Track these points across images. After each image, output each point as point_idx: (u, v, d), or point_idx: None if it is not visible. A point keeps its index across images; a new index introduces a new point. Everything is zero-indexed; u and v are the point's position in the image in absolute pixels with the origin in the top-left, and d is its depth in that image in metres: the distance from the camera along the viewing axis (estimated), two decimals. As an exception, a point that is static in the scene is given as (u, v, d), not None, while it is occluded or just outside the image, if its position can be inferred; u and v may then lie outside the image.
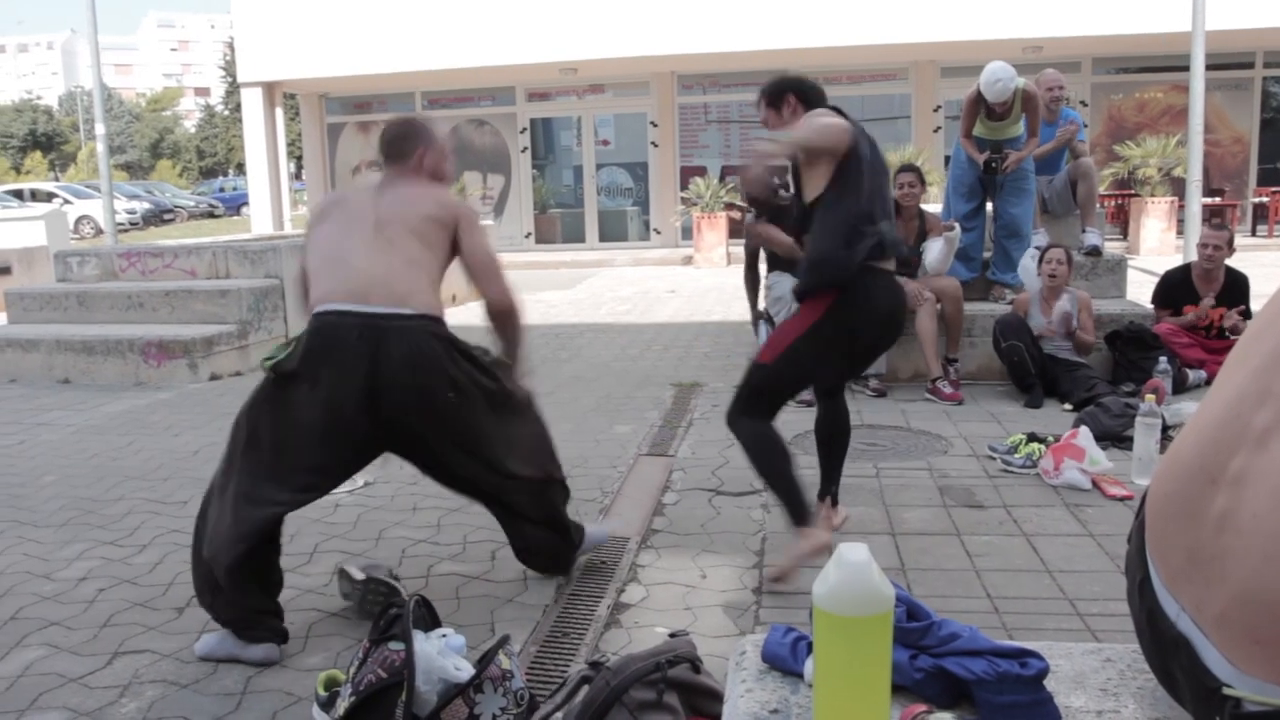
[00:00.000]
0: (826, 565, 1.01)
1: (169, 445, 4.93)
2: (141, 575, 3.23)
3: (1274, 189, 15.56)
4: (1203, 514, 1.04)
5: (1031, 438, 4.21)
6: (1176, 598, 1.08)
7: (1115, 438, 4.42)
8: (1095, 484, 3.84)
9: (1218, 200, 14.51)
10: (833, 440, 3.49)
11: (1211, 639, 1.03)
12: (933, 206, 6.44)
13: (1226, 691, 1.00)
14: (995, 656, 1.18)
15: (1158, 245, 13.39)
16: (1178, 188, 13.84)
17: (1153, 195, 13.81)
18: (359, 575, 2.84)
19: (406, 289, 2.65)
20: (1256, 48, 15.58)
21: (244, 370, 6.86)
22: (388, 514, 3.79)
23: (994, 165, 5.94)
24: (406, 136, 2.95)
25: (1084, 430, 3.98)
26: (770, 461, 3.09)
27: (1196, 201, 10.52)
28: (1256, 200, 15.65)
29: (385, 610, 2.01)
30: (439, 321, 2.73)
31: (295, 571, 3.22)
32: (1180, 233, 13.02)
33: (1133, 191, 14.01)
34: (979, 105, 6.02)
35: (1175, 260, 11.37)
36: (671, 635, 1.85)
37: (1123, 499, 3.72)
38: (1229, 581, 1.00)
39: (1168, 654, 1.10)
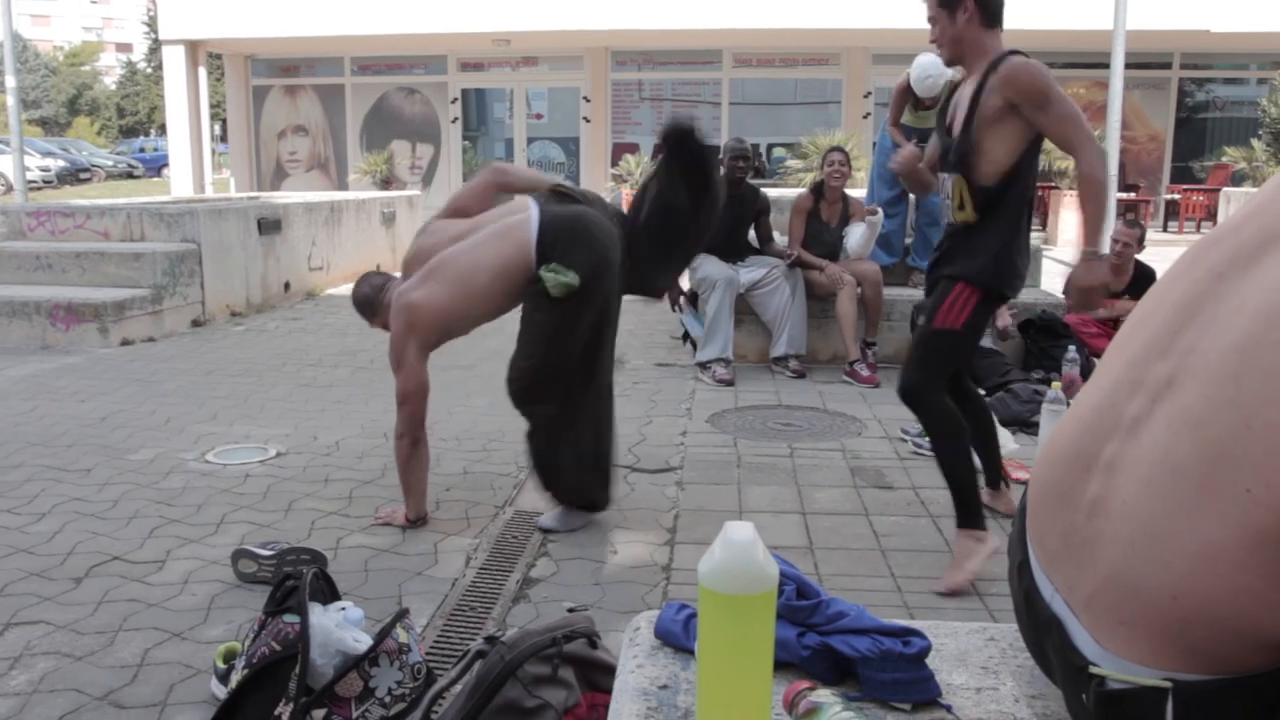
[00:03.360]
0: (713, 544, 1.03)
1: (75, 411, 4.79)
2: (39, 544, 3.14)
3: (1186, 187, 16.06)
4: (1077, 499, 1.08)
5: (942, 422, 4.30)
6: (1051, 579, 1.11)
7: (1023, 423, 4.54)
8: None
9: (1132, 195, 14.92)
10: (985, 425, 3.37)
11: (1081, 620, 1.06)
12: (857, 191, 6.52)
13: (1093, 670, 1.04)
14: (880, 635, 1.21)
15: (1074, 236, 13.70)
16: (1096, 182, 14.19)
17: (1070, 189, 14.14)
18: (266, 552, 2.79)
19: None
20: (1174, 48, 16.03)
21: (157, 335, 6.68)
22: (299, 485, 3.74)
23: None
24: None
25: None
26: (959, 448, 2.99)
27: (1112, 196, 10.79)
28: (1169, 197, 16.13)
29: (282, 582, 1.98)
30: None
31: (200, 543, 3.16)
32: (1097, 226, 13.37)
33: (1051, 184, 14.34)
34: (907, 95, 6.09)
35: (1090, 252, 11.69)
36: (570, 610, 1.85)
37: (1023, 482, 3.82)
38: (1099, 564, 1.04)
39: (1042, 634, 1.14)
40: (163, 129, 26.53)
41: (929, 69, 5.91)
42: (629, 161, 14.86)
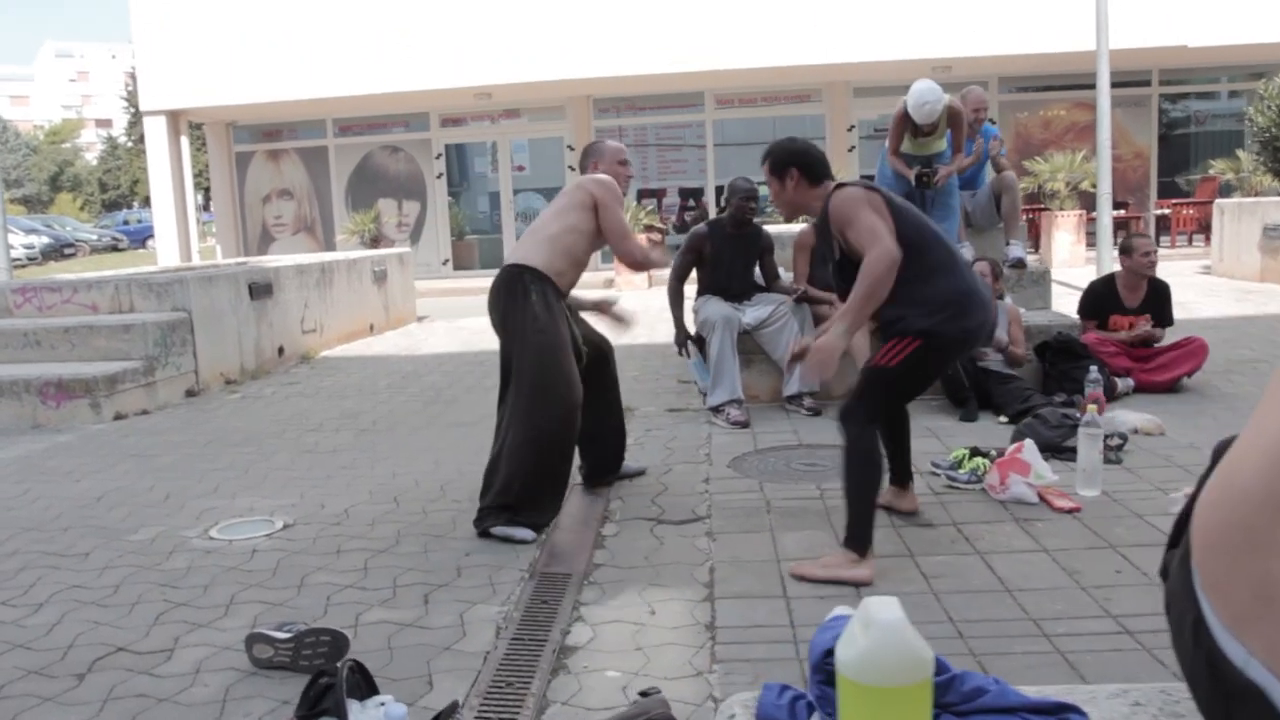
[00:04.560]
0: (851, 625, 0.86)
1: (69, 492, 4.59)
2: (37, 638, 2.94)
3: (1175, 201, 16.07)
4: (1272, 543, 0.91)
5: (974, 452, 4.14)
6: (1243, 641, 0.94)
7: (1055, 449, 4.37)
8: (1042, 497, 3.78)
9: (1122, 213, 14.91)
10: (900, 426, 3.62)
11: None
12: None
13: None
14: (1030, 713, 1.04)
15: (1069, 257, 13.69)
16: (1085, 201, 14.20)
17: (1061, 209, 14.13)
18: (282, 635, 2.60)
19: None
20: (1152, 66, 16.11)
21: (151, 408, 6.49)
22: (310, 558, 3.55)
23: (925, 179, 5.94)
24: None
25: (1029, 444, 3.92)
26: (868, 477, 3.17)
27: (1107, 213, 10.75)
28: (1159, 212, 16.13)
29: (316, 679, 1.80)
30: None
31: (210, 627, 2.96)
32: (1090, 245, 13.35)
33: (1042, 206, 14.32)
34: (906, 123, 6.01)
35: (1087, 271, 11.61)
36: (642, 695, 1.68)
37: (1070, 511, 3.65)
38: None
39: (1234, 704, 0.97)
40: (146, 201, 26.50)
41: (926, 95, 5.84)
42: (617, 207, 14.79)
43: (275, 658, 2.61)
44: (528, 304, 3.73)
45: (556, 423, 3.69)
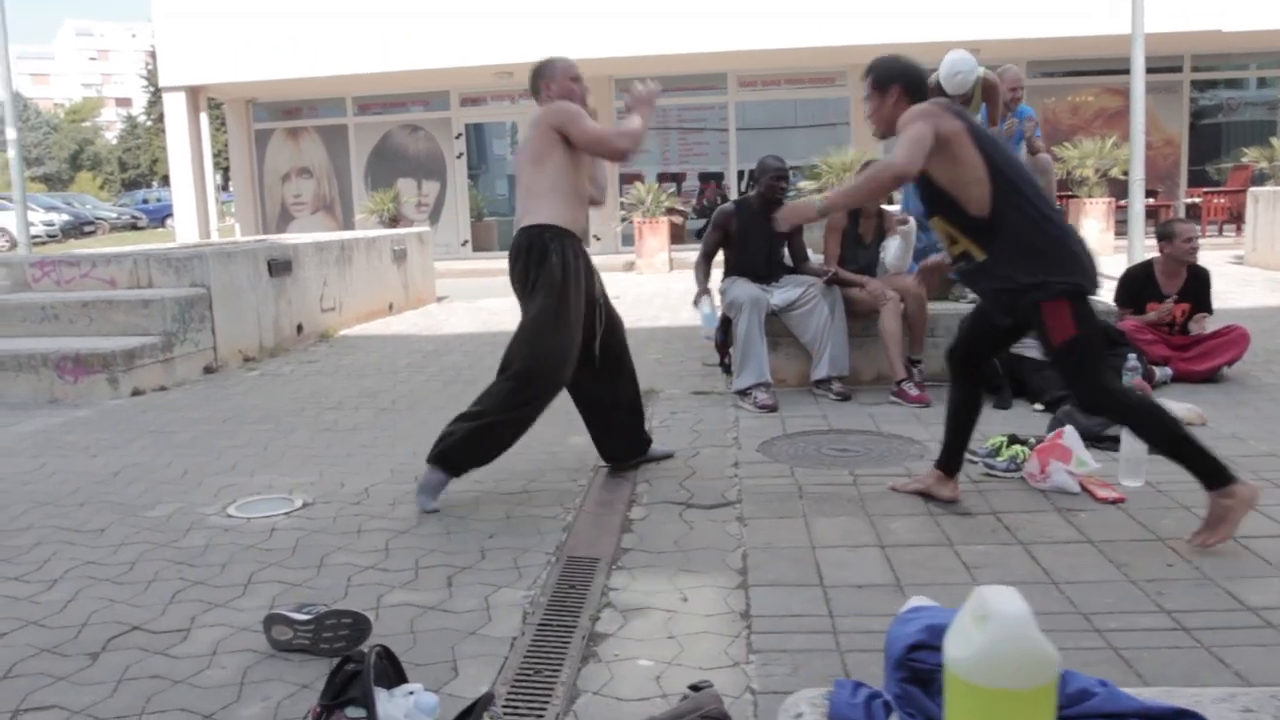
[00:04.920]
0: (961, 618, 0.75)
1: (85, 467, 4.52)
2: (50, 615, 2.86)
3: (1205, 189, 15.82)
4: None
5: (1013, 439, 4.02)
6: None
7: (1094, 438, 4.23)
8: (1083, 487, 3.65)
9: (1152, 201, 14.66)
10: (971, 411, 3.56)
11: None
12: (890, 207, 6.26)
13: None
14: (1143, 718, 0.92)
15: (1098, 245, 13.44)
16: (1114, 189, 13.99)
17: (1090, 196, 13.92)
18: (302, 616, 2.51)
19: None
20: (1184, 51, 15.84)
21: (169, 384, 6.42)
22: (329, 538, 3.46)
23: None
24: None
25: (1069, 430, 3.79)
26: (1161, 420, 3.09)
27: (1139, 200, 10.55)
28: (1189, 201, 15.88)
29: (342, 664, 1.70)
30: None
31: (227, 606, 2.88)
32: (1120, 233, 13.14)
33: (1070, 193, 14.09)
34: (937, 95, 5.86)
35: (1117, 260, 11.41)
36: (693, 688, 1.57)
37: (1114, 502, 3.53)
38: None
39: None
40: (165, 180, 26.46)
41: (958, 65, 5.69)
42: (638, 189, 14.65)
43: (295, 640, 2.52)
44: (546, 265, 3.71)
45: (526, 397, 3.69)
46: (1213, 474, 2.98)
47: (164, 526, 3.63)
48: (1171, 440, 3.05)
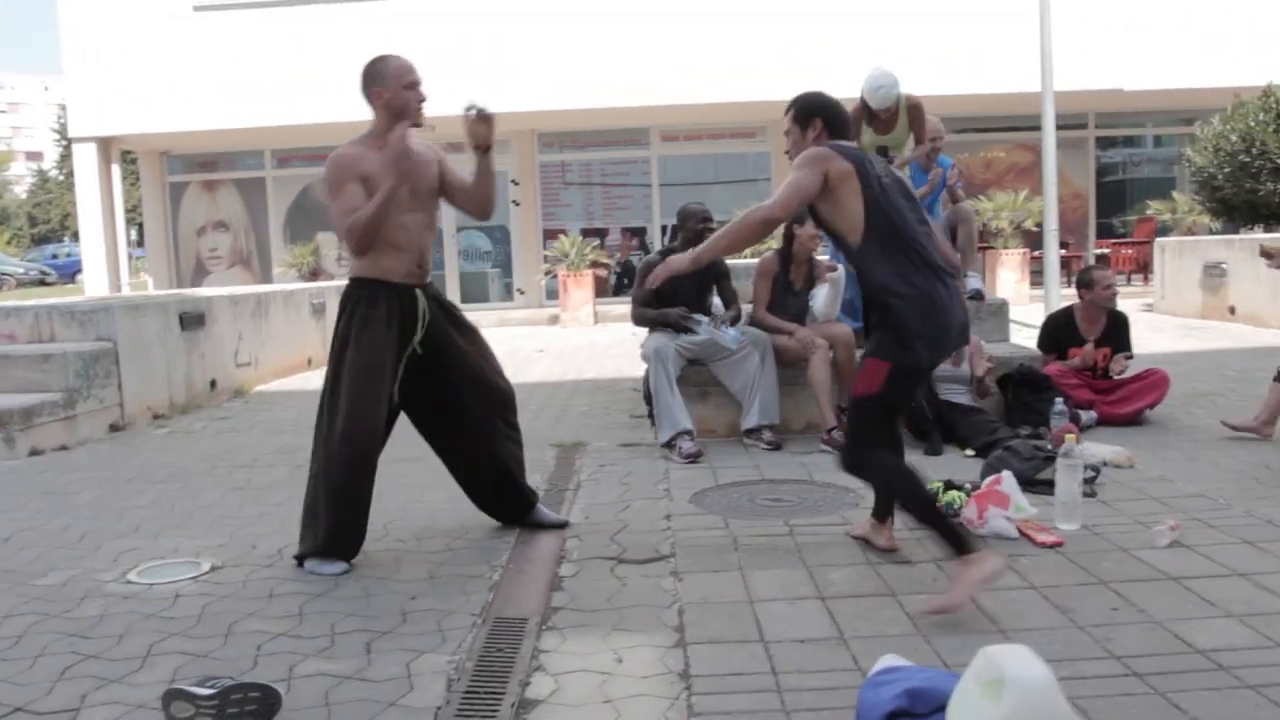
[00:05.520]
0: (964, 684, 0.64)
1: (-27, 533, 4.21)
2: (-78, 698, 2.60)
3: (1113, 240, 16.35)
4: None
5: (949, 485, 3.97)
6: None
7: (1028, 482, 4.21)
8: (1021, 532, 3.60)
9: (1063, 252, 15.06)
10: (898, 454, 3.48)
11: None
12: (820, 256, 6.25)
13: None
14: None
15: (1014, 294, 13.71)
16: (1028, 240, 14.35)
17: (1005, 247, 14.25)
18: (205, 691, 2.30)
19: None
20: (1088, 109, 16.41)
21: (70, 443, 6.08)
22: (238, 603, 3.23)
23: None
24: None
25: (1007, 475, 3.76)
26: (921, 499, 3.11)
27: (1054, 250, 10.82)
28: (1098, 252, 16.36)
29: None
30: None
31: (122, 682, 2.64)
32: (1035, 283, 13.46)
33: (986, 244, 14.40)
34: (863, 114, 5.96)
35: (1033, 309, 11.66)
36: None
37: (1053, 546, 3.48)
38: None
39: None
40: (77, 236, 25.71)
41: (880, 80, 5.82)
42: (563, 242, 14.60)
43: (196, 717, 2.31)
44: (338, 321, 3.58)
45: (333, 454, 3.49)
46: (960, 545, 2.96)
47: (56, 595, 3.36)
48: (925, 512, 3.06)
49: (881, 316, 3.19)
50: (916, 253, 3.12)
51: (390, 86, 3.53)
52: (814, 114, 3.33)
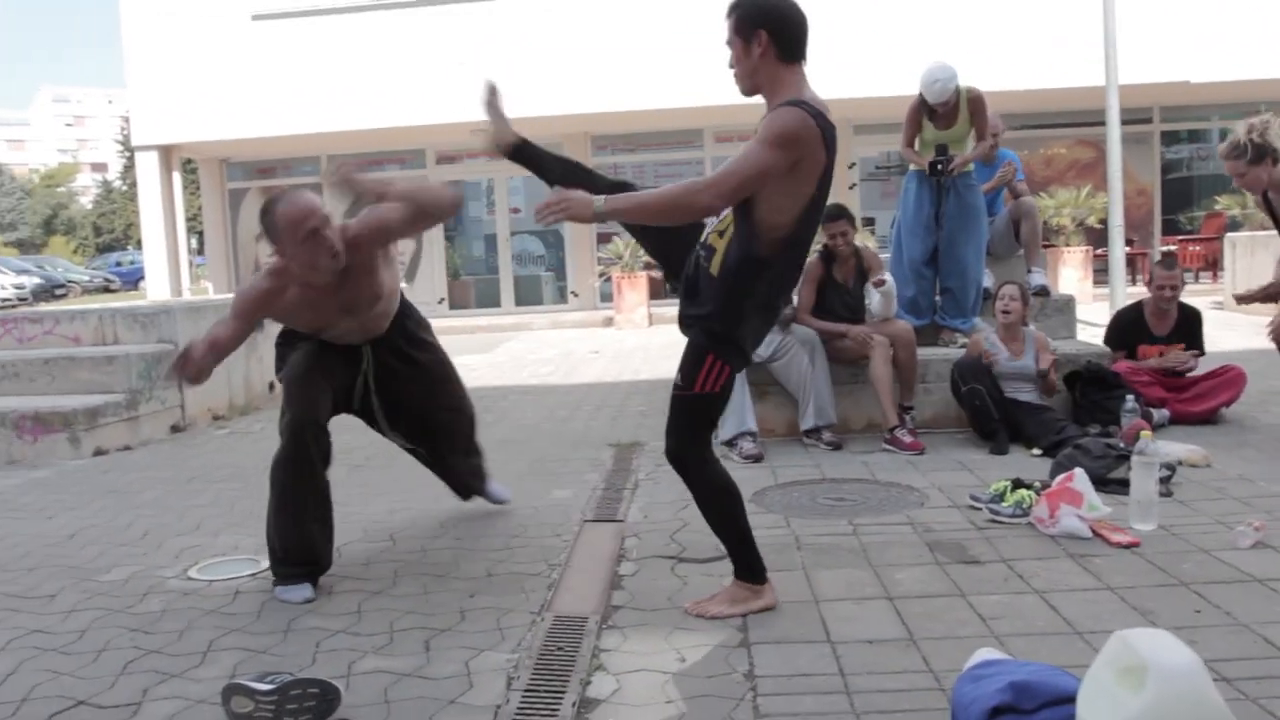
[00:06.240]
0: (1097, 672, 0.57)
1: (39, 530, 4.26)
2: (-11, 691, 2.61)
3: (1180, 237, 15.92)
4: None
5: (1017, 484, 3.84)
6: None
7: (1100, 481, 4.06)
8: (1095, 531, 3.47)
9: (1128, 249, 14.72)
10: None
11: None
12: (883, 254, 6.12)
13: None
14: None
15: (1077, 292, 13.35)
16: (1091, 237, 14.03)
17: (1068, 245, 13.95)
18: (265, 686, 2.28)
19: None
20: (1154, 103, 16.03)
21: (133, 443, 6.17)
22: (298, 600, 3.22)
23: (939, 166, 5.63)
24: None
25: (1080, 473, 3.62)
26: (732, 514, 3.02)
27: (1120, 246, 10.55)
28: (1164, 249, 15.94)
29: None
30: None
31: (183, 677, 2.64)
32: (1098, 281, 13.15)
33: (1048, 242, 14.11)
34: (921, 111, 5.77)
35: (1096, 307, 11.38)
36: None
37: (1129, 546, 3.35)
38: None
39: None
40: (140, 244, 26.29)
41: (937, 72, 5.59)
42: (616, 245, 14.57)
43: (256, 712, 2.29)
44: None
45: (277, 457, 3.53)
46: (753, 570, 2.92)
47: (119, 590, 3.38)
48: (731, 526, 2.97)
49: (743, 320, 2.83)
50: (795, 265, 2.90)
51: (286, 249, 3.12)
52: (756, 23, 2.67)
